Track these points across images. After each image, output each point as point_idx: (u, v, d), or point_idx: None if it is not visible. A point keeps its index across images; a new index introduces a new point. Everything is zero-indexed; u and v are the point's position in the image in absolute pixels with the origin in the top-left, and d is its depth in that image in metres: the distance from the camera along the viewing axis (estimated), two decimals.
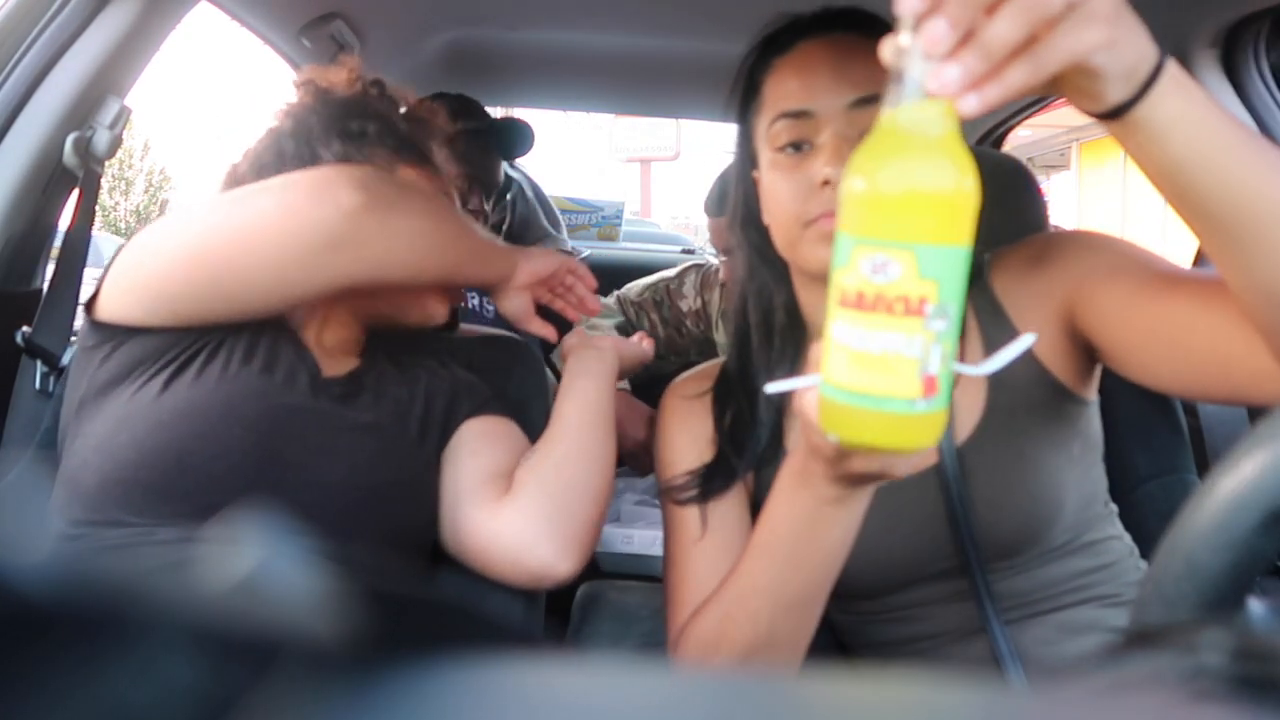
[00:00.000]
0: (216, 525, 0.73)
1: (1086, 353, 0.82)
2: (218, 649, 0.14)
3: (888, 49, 0.50)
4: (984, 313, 0.85)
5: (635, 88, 2.16)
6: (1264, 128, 1.27)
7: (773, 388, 0.65)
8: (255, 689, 0.15)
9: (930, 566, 0.83)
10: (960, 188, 0.49)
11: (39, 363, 1.06)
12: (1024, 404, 0.82)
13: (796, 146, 0.81)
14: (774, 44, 0.85)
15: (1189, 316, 0.69)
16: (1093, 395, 0.85)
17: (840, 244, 0.52)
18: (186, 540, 0.77)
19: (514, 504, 0.90)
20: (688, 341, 1.99)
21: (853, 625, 0.91)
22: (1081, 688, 0.27)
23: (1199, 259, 1.36)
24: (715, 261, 1.99)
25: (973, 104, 0.49)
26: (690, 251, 3.56)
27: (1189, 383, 0.73)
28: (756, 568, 0.74)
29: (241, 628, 0.15)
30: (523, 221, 2.11)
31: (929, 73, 0.48)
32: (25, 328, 1.08)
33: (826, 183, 0.77)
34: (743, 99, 0.88)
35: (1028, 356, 0.82)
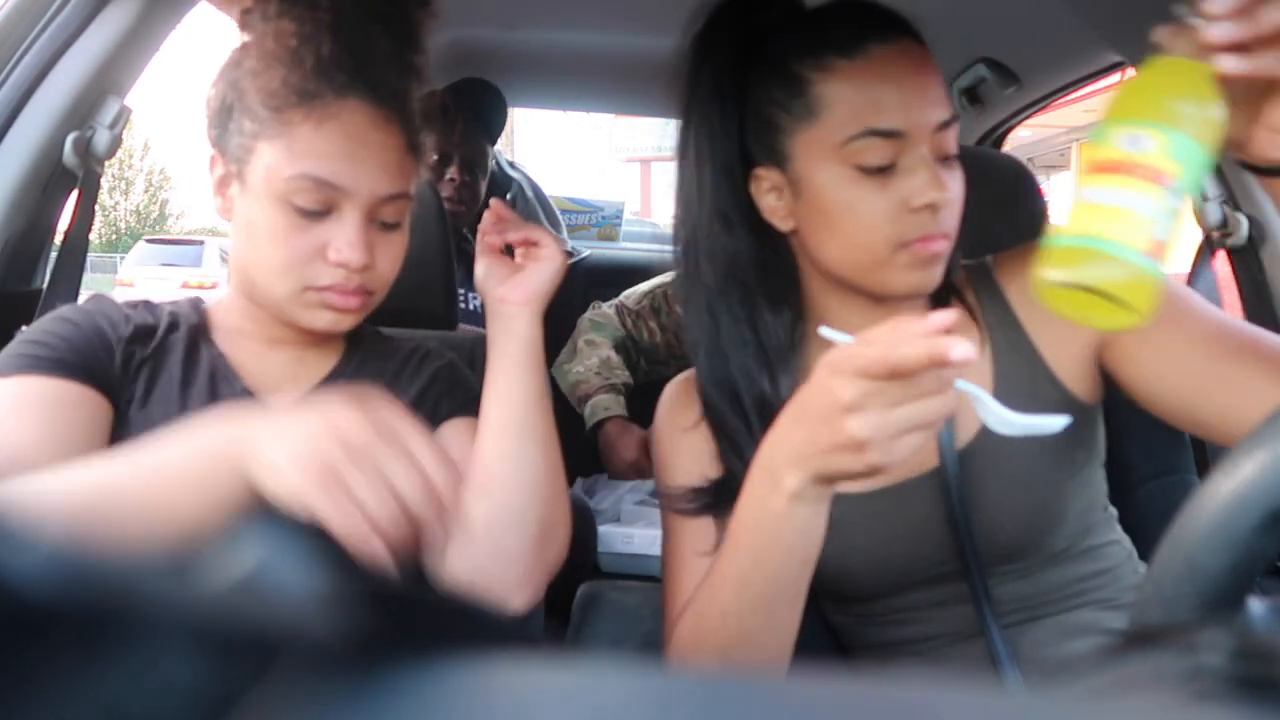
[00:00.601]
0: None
1: (1103, 372, 0.82)
2: (218, 649, 0.14)
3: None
4: (992, 313, 0.85)
5: (635, 88, 2.16)
6: None
7: (827, 332, 0.67)
8: (255, 689, 0.15)
9: (930, 570, 0.83)
10: (1214, 111, 0.57)
11: None
12: (1029, 409, 0.82)
13: (881, 169, 0.76)
14: (825, 38, 0.78)
15: (1245, 385, 0.72)
16: (1098, 401, 0.85)
17: (1097, 129, 0.60)
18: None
19: (454, 554, 0.82)
20: (686, 346, 1.99)
21: (851, 627, 0.91)
22: (1081, 688, 0.27)
23: (1198, 259, 1.36)
24: None
25: (1229, 64, 0.56)
26: None
27: (1216, 434, 0.75)
28: (723, 565, 0.73)
29: (241, 628, 0.15)
30: None
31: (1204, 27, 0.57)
32: (25, 328, 1.08)
33: (930, 206, 0.75)
34: (765, 93, 0.80)
35: (1038, 365, 0.82)
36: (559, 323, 1.09)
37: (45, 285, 1.15)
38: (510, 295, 0.88)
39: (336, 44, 0.80)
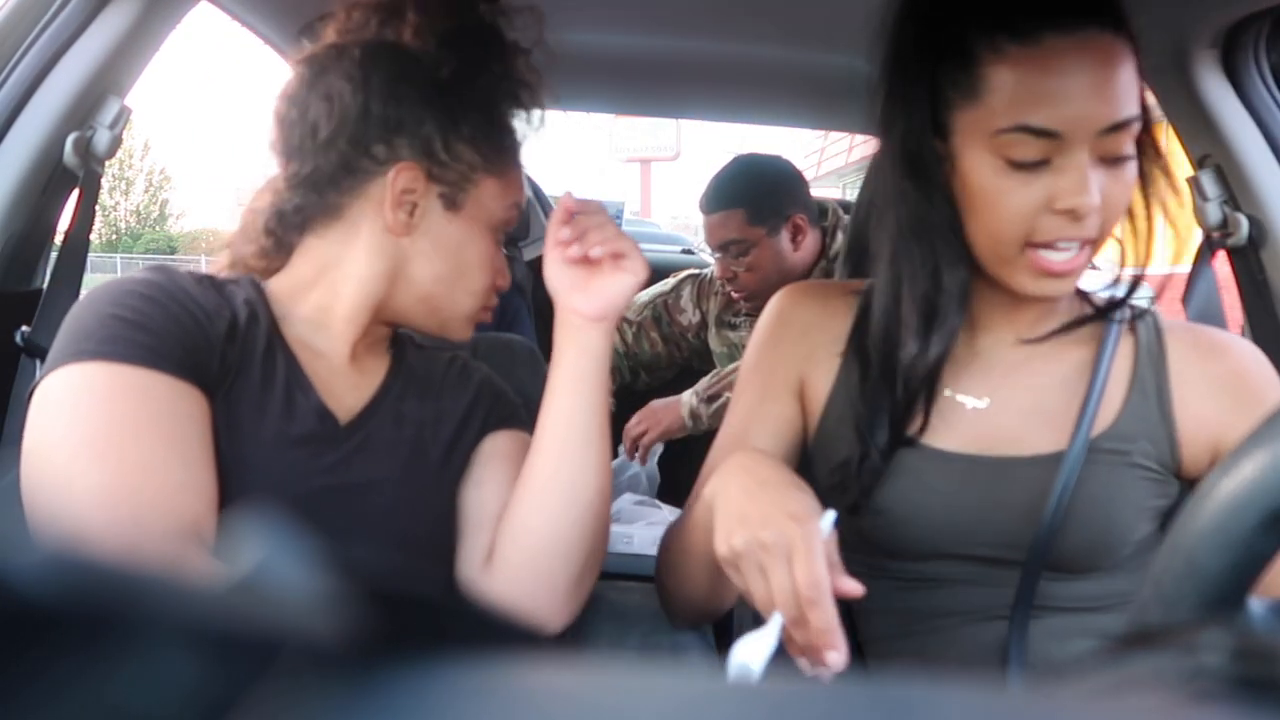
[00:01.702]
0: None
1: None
2: (218, 649, 0.14)
3: None
4: (1145, 366, 0.85)
5: (635, 88, 2.16)
6: (1264, 128, 1.27)
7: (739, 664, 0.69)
8: (255, 689, 0.15)
9: (987, 550, 0.84)
10: None
11: (39, 363, 1.06)
12: (1143, 449, 0.83)
13: (1032, 164, 0.74)
14: (1003, 19, 0.74)
15: None
16: (1193, 480, 0.86)
17: None
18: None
19: (493, 576, 0.82)
20: (687, 353, 1.97)
21: (879, 587, 0.91)
22: (1081, 688, 0.27)
23: (1198, 259, 1.36)
24: (711, 266, 1.97)
25: None
26: (690, 252, 3.55)
27: None
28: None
29: (241, 628, 0.15)
30: (523, 221, 2.11)
31: None
32: (25, 327, 1.08)
33: (1071, 211, 0.74)
34: (938, 65, 0.77)
35: (1167, 423, 0.83)
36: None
37: (45, 285, 1.15)
38: (585, 308, 0.82)
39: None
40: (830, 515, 0.69)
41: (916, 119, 0.79)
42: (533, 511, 0.82)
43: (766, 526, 0.66)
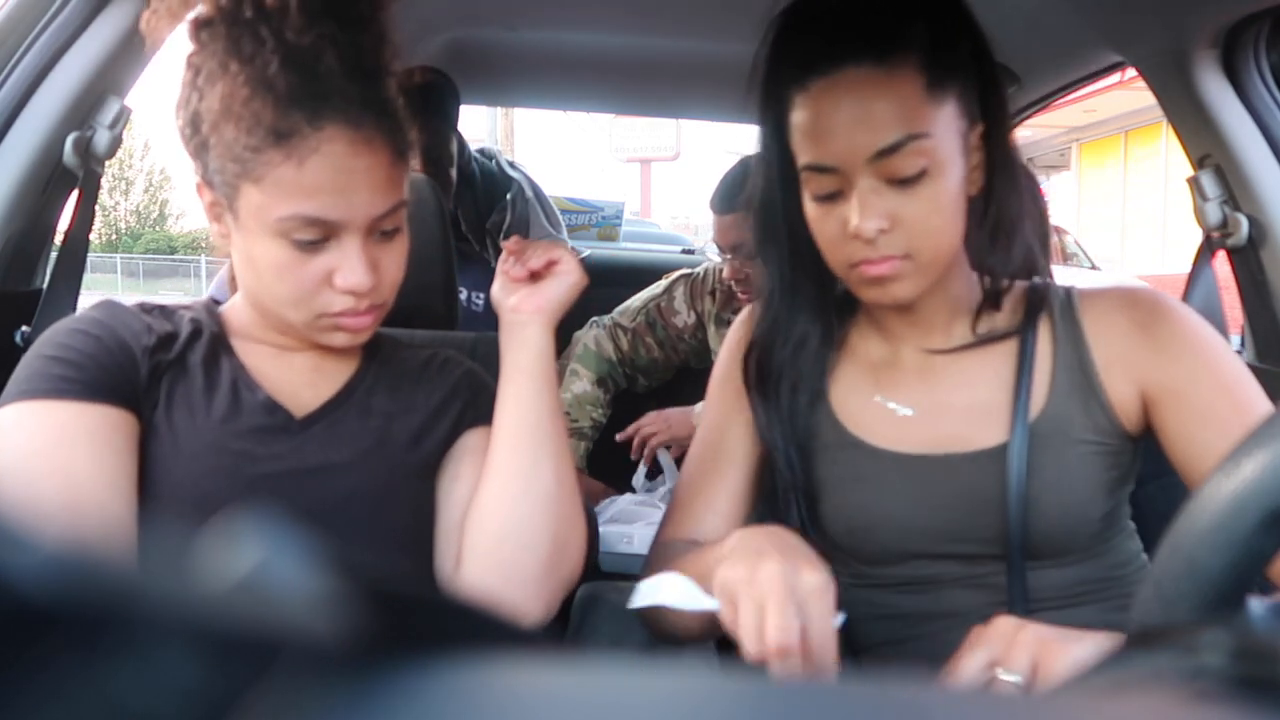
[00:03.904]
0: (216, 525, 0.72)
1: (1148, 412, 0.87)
2: (218, 649, 0.14)
3: None
4: (1064, 332, 0.88)
5: (635, 88, 2.16)
6: (1264, 128, 1.27)
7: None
8: (255, 689, 0.15)
9: (960, 547, 0.86)
10: None
11: None
12: (1080, 423, 0.86)
13: (830, 196, 0.82)
14: (791, 66, 0.82)
15: None
16: (1139, 435, 0.88)
17: None
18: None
19: (464, 571, 0.85)
20: (685, 354, 1.97)
21: (867, 595, 0.92)
22: (1081, 688, 0.27)
23: (1199, 259, 1.36)
24: (705, 264, 1.97)
25: None
26: (690, 252, 3.55)
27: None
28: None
29: (241, 628, 0.15)
30: (522, 221, 2.11)
31: None
32: (25, 327, 1.08)
33: (857, 234, 0.79)
34: (766, 107, 0.86)
35: (1096, 390, 0.86)
36: (559, 324, 1.09)
37: (45, 285, 1.15)
38: (523, 305, 0.88)
39: (293, 75, 0.75)
40: (840, 617, 0.69)
41: (777, 159, 0.87)
42: (491, 501, 0.85)
43: (775, 562, 0.68)
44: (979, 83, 0.85)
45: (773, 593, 0.66)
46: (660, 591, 0.74)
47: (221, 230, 0.84)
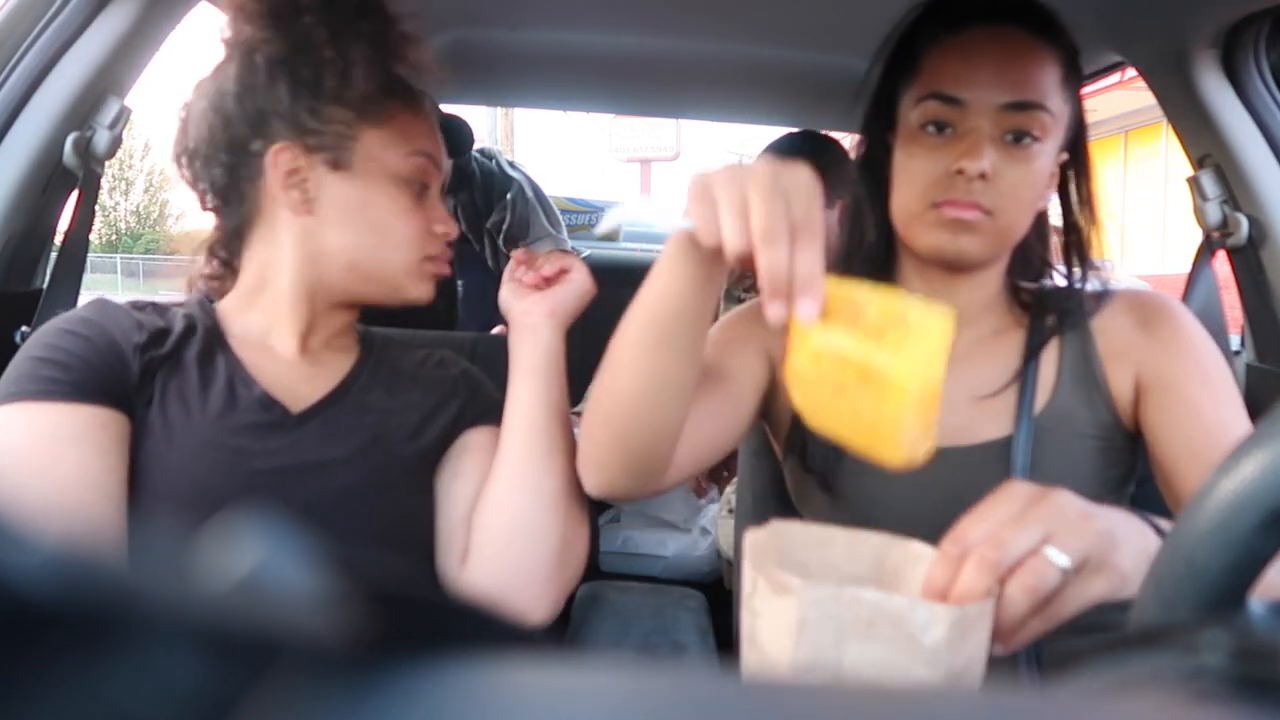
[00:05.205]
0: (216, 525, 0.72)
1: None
2: (217, 649, 0.14)
3: None
4: (1070, 338, 0.91)
5: (635, 88, 2.16)
6: (1264, 128, 1.27)
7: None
8: (255, 689, 0.15)
9: None
10: None
11: None
12: (1084, 417, 0.89)
13: (939, 126, 0.84)
14: (941, 17, 0.87)
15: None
16: (1137, 431, 0.91)
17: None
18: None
19: (471, 569, 0.85)
20: None
21: None
22: (1081, 688, 0.27)
23: (1199, 259, 1.36)
24: None
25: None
26: None
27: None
28: (618, 358, 0.77)
29: (241, 628, 0.15)
30: (522, 221, 2.11)
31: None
32: (25, 328, 1.08)
33: (960, 172, 0.82)
34: (893, 62, 0.90)
35: (1099, 384, 0.89)
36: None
37: (45, 285, 1.15)
38: (535, 307, 0.90)
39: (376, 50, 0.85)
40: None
41: (876, 116, 0.92)
42: (499, 500, 0.85)
43: (756, 165, 0.63)
44: (1077, 124, 0.90)
45: (755, 181, 0.60)
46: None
47: (302, 197, 0.85)
